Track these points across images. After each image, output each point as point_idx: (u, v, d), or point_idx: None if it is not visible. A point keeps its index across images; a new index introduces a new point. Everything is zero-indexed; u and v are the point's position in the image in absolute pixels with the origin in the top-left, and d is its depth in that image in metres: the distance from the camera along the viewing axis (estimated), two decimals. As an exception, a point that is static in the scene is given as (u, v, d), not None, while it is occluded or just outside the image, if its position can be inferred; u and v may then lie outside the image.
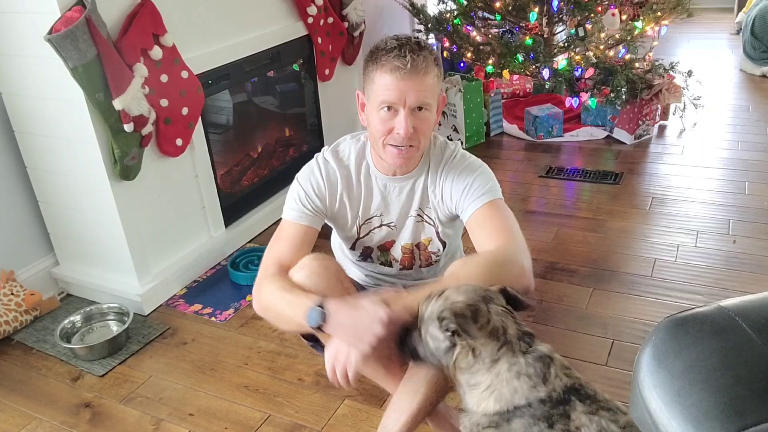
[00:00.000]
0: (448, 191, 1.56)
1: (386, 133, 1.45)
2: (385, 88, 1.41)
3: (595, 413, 1.10)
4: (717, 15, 6.67)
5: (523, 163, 3.54)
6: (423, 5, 4.17)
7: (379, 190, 1.60)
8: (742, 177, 3.17)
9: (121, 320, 2.32)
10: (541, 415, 1.10)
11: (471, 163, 1.57)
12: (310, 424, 1.84)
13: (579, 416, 1.10)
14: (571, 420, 1.10)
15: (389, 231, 1.65)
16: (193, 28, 2.46)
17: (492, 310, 1.17)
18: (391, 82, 1.39)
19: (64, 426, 1.90)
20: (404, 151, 1.46)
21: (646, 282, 2.38)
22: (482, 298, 1.19)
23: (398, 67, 1.38)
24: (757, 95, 4.44)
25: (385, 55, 1.40)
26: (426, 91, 1.42)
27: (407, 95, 1.40)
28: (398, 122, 1.42)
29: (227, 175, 2.91)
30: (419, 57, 1.39)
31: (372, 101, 1.46)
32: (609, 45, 3.74)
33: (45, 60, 2.04)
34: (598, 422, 1.09)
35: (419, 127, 1.44)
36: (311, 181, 1.58)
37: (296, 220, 1.56)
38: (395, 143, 1.45)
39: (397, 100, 1.40)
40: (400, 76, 1.38)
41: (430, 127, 1.49)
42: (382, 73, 1.41)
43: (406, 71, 1.38)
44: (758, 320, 1.17)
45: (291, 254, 1.52)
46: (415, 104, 1.41)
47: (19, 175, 2.41)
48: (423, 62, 1.39)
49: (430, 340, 1.22)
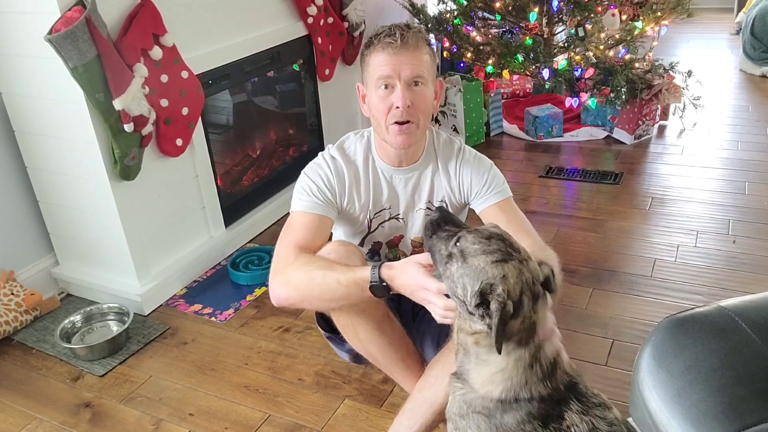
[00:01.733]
0: (467, 182, 1.61)
1: (387, 112, 1.48)
2: (380, 64, 1.46)
3: (587, 413, 1.09)
4: (717, 15, 6.67)
5: (523, 163, 3.55)
6: (423, 5, 4.17)
7: (387, 182, 1.62)
8: (742, 177, 3.17)
9: (121, 320, 2.32)
10: (537, 414, 1.09)
11: (482, 158, 1.65)
12: (310, 424, 1.84)
13: (571, 416, 1.09)
14: (564, 420, 1.09)
15: (397, 224, 1.66)
16: (193, 28, 2.46)
17: (527, 315, 1.08)
18: (385, 59, 1.45)
19: (64, 426, 1.90)
20: (405, 128, 1.49)
21: (645, 282, 2.38)
22: (533, 296, 1.09)
23: (390, 44, 1.44)
24: (757, 95, 4.44)
25: (377, 37, 1.48)
26: (419, 65, 1.47)
27: (401, 69, 1.45)
28: (396, 96, 1.46)
29: (227, 175, 2.91)
30: (409, 33, 1.46)
31: (369, 84, 1.51)
32: (609, 45, 3.74)
33: (45, 60, 2.04)
34: (589, 422, 1.08)
35: (416, 102, 1.48)
36: (321, 175, 1.58)
37: (309, 210, 1.55)
38: (396, 119, 1.48)
39: (392, 73, 1.45)
40: (392, 51, 1.44)
41: (428, 103, 1.51)
42: (376, 54, 1.47)
43: (398, 46, 1.44)
44: (758, 320, 1.17)
45: (310, 240, 1.50)
46: (410, 77, 1.46)
47: (19, 175, 2.41)
48: (413, 37, 1.46)
49: (459, 287, 1.11)
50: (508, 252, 1.10)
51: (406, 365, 1.59)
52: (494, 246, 1.10)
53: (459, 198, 1.64)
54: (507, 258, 1.08)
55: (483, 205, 1.60)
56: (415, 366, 1.60)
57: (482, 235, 1.12)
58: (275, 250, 1.53)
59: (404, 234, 1.68)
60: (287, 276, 1.45)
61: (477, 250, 1.10)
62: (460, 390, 1.16)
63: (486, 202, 1.60)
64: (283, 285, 1.45)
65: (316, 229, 1.53)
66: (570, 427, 1.08)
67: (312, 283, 1.41)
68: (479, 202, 1.61)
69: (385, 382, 1.93)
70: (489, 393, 1.11)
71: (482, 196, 1.60)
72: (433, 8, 4.24)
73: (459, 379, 1.17)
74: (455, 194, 1.63)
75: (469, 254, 1.10)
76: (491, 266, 1.08)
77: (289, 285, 1.45)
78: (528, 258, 1.12)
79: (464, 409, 1.14)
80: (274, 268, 1.49)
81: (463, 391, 1.15)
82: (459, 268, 1.11)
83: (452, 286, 1.13)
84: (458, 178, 1.62)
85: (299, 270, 1.43)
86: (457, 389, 1.17)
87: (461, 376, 1.17)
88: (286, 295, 1.46)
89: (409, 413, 1.48)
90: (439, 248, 1.17)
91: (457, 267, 1.11)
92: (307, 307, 1.57)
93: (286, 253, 1.48)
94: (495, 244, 1.10)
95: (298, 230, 1.52)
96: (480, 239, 1.11)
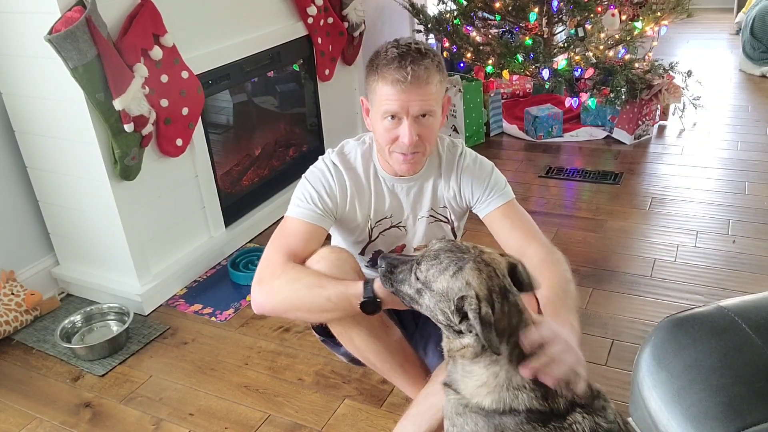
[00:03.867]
0: (468, 188, 1.58)
1: (391, 142, 1.45)
2: (387, 98, 1.39)
3: (590, 413, 1.10)
4: (716, 15, 6.67)
5: (522, 163, 3.55)
6: (423, 5, 4.17)
7: (389, 191, 1.60)
8: (742, 177, 3.17)
9: (122, 320, 2.32)
10: (536, 419, 1.08)
11: (483, 161, 1.63)
12: (310, 424, 1.85)
13: (574, 415, 1.09)
14: (566, 419, 1.09)
15: (399, 233, 1.64)
16: (193, 28, 2.46)
17: (505, 309, 1.09)
18: (393, 94, 1.38)
19: (65, 426, 1.90)
20: (410, 158, 1.47)
21: (645, 282, 2.38)
22: (501, 291, 1.10)
23: (399, 80, 1.36)
24: (757, 95, 4.44)
25: (386, 66, 1.38)
26: (428, 100, 1.40)
27: (410, 106, 1.39)
28: (402, 131, 1.41)
29: (227, 175, 2.91)
30: (420, 67, 1.37)
31: (375, 110, 1.46)
32: (609, 45, 3.74)
33: (45, 60, 2.04)
34: (591, 420, 1.09)
35: (424, 134, 1.44)
36: (323, 183, 1.55)
37: (305, 218, 1.51)
38: (400, 151, 1.45)
39: (399, 110, 1.40)
40: (401, 89, 1.37)
41: (435, 132, 1.48)
42: (383, 85, 1.39)
43: (407, 83, 1.36)
44: (758, 320, 1.17)
45: (301, 249, 1.48)
46: (418, 113, 1.41)
47: (19, 175, 2.41)
48: (424, 72, 1.37)
49: (440, 314, 1.13)
50: (459, 258, 1.12)
51: (405, 370, 1.57)
52: (445, 261, 1.13)
53: (461, 203, 1.62)
54: (461, 265, 1.11)
55: (486, 210, 1.58)
56: (414, 371, 1.58)
57: (431, 257, 1.15)
58: (264, 251, 1.50)
59: (406, 243, 1.67)
60: (274, 288, 1.43)
61: (434, 274, 1.13)
62: (454, 395, 1.18)
63: (489, 207, 1.57)
64: (269, 297, 1.45)
65: (309, 239, 1.50)
66: (572, 424, 1.08)
67: (299, 302, 1.42)
68: (482, 207, 1.59)
69: (385, 382, 1.93)
70: (480, 404, 1.12)
71: (484, 201, 1.58)
72: (433, 8, 4.24)
73: (450, 388, 1.19)
74: (457, 200, 1.62)
75: (430, 281, 1.13)
76: (452, 281, 1.10)
77: (274, 299, 1.44)
78: (481, 252, 1.14)
79: (460, 409, 1.15)
80: (261, 274, 1.46)
81: (457, 397, 1.17)
82: (430, 298, 1.14)
83: (434, 315, 1.16)
84: (459, 184, 1.60)
85: (287, 286, 1.42)
86: (451, 394, 1.18)
87: (451, 385, 1.19)
88: (271, 307, 1.46)
89: (414, 419, 1.47)
90: (406, 292, 1.20)
91: (429, 298, 1.14)
92: (292, 318, 1.56)
93: (275, 260, 1.46)
94: (445, 258, 1.13)
95: (290, 237, 1.50)
96: (431, 262, 1.14)
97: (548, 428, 1.08)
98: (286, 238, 1.50)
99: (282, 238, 1.51)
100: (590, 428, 1.08)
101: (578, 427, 1.08)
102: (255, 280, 1.47)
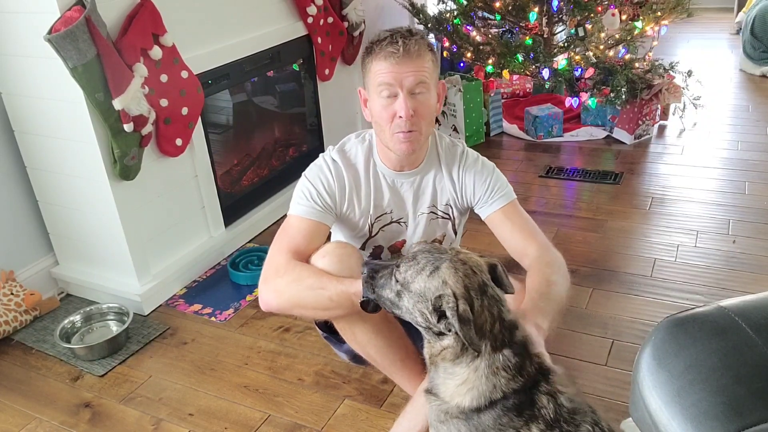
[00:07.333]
0: (470, 187, 1.61)
1: (390, 120, 1.47)
2: (381, 72, 1.44)
3: (553, 395, 1.13)
4: (717, 15, 6.67)
5: (523, 163, 3.55)
6: (423, 5, 4.17)
7: (389, 187, 1.61)
8: (742, 177, 3.17)
9: (121, 320, 2.32)
10: (512, 406, 1.11)
11: (485, 162, 1.65)
12: (310, 424, 1.84)
13: (541, 398, 1.12)
14: (535, 404, 1.12)
15: (399, 228, 1.66)
16: (193, 28, 2.46)
17: (485, 304, 1.12)
18: (387, 67, 1.43)
19: (64, 426, 1.90)
20: (409, 135, 1.48)
21: (645, 282, 2.38)
22: (479, 287, 1.13)
23: (392, 53, 1.42)
24: (757, 95, 4.44)
25: (378, 44, 1.45)
26: (422, 72, 1.45)
27: (403, 78, 1.43)
28: (398, 105, 1.45)
29: (227, 175, 2.91)
30: (410, 41, 1.43)
31: (371, 90, 1.49)
32: (609, 45, 3.74)
33: (45, 60, 2.04)
34: (554, 401, 1.12)
35: (419, 110, 1.46)
36: (321, 179, 1.58)
37: (307, 215, 1.55)
38: (399, 129, 1.47)
39: (394, 82, 1.43)
40: (394, 61, 1.42)
41: (431, 110, 1.51)
42: (378, 62, 1.44)
43: (400, 56, 1.41)
44: (758, 320, 1.17)
45: (305, 246, 1.51)
46: (412, 86, 1.44)
47: (19, 175, 2.41)
48: (415, 45, 1.43)
49: (419, 316, 1.16)
50: (436, 258, 1.15)
51: (405, 365, 1.59)
52: (422, 261, 1.15)
53: (462, 202, 1.64)
54: (438, 264, 1.13)
55: (488, 211, 1.61)
56: (414, 367, 1.59)
57: (409, 259, 1.18)
58: (269, 251, 1.53)
59: (406, 238, 1.67)
60: (278, 288, 1.47)
61: (412, 275, 1.15)
62: (435, 401, 1.19)
63: (490, 208, 1.60)
64: (274, 296, 1.48)
65: (312, 235, 1.53)
66: (540, 409, 1.11)
67: (303, 301, 1.45)
68: (483, 207, 1.61)
69: (385, 382, 1.93)
70: (460, 404, 1.14)
71: (486, 202, 1.60)
72: (433, 8, 4.24)
73: (431, 394, 1.21)
74: (458, 198, 1.63)
75: (408, 282, 1.16)
76: (429, 280, 1.13)
77: (279, 297, 1.47)
78: (457, 252, 1.17)
79: (442, 416, 1.17)
80: (266, 273, 1.50)
81: (438, 403, 1.19)
82: (409, 299, 1.16)
83: (414, 318, 1.18)
84: (461, 183, 1.61)
85: (290, 286, 1.45)
86: (432, 400, 1.20)
87: (432, 391, 1.20)
88: (277, 305, 1.49)
89: (410, 416, 1.48)
90: (387, 296, 1.21)
91: (407, 299, 1.16)
92: (298, 315, 1.60)
93: (279, 259, 1.49)
94: (422, 259, 1.16)
95: (294, 235, 1.53)
96: (409, 264, 1.17)
97: (523, 417, 1.11)
98: (288, 236, 1.53)
99: (285, 236, 1.54)
100: (553, 411, 1.11)
101: (545, 412, 1.11)
102: (261, 278, 1.51)
